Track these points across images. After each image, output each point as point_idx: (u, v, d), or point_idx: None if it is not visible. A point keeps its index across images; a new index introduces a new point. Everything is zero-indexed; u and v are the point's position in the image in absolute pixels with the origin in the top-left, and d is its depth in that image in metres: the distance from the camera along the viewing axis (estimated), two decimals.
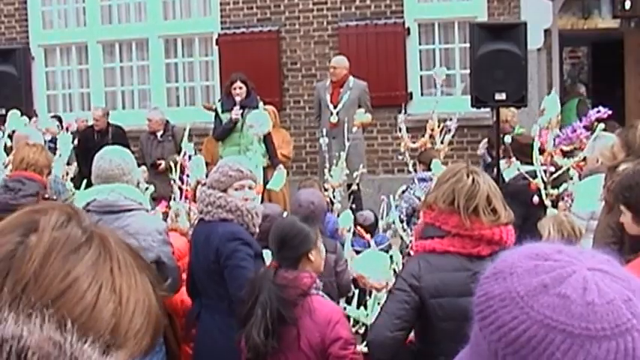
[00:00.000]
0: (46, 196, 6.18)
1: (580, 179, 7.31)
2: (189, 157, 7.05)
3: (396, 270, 5.46)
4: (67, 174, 8.60)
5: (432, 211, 4.21)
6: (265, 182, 10.02)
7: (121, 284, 1.29)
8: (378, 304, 5.08)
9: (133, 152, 12.62)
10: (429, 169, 8.22)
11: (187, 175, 7.12)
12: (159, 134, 12.52)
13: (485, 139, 11.40)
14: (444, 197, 4.17)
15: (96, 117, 13.35)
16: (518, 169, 7.15)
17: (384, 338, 4.09)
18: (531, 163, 7.05)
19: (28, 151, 6.07)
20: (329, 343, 4.40)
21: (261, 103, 11.34)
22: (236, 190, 5.41)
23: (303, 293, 4.43)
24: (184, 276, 5.72)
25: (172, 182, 7.14)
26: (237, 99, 11.03)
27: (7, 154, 7.72)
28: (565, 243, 4.44)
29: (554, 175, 6.67)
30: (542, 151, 6.94)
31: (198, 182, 6.78)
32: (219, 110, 11.32)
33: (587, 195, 7.07)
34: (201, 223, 5.49)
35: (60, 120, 13.74)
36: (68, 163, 9.18)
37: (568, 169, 6.64)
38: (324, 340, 4.40)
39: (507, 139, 7.19)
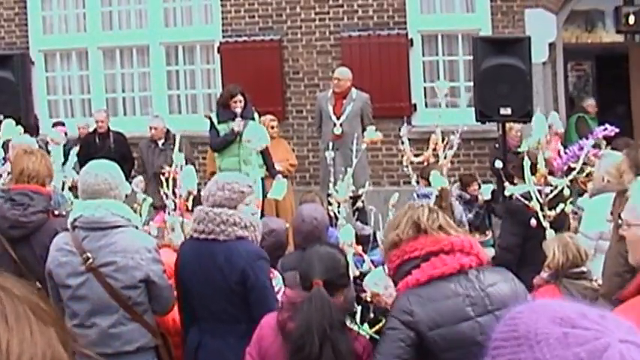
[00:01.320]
0: (56, 212, 6.00)
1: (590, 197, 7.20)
2: (180, 167, 6.86)
3: None
4: (64, 184, 8.42)
5: (398, 248, 4.11)
6: (264, 193, 10.00)
7: (9, 340, 1.15)
8: None
9: (134, 159, 12.73)
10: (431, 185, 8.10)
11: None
12: (160, 142, 12.41)
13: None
14: (407, 228, 4.11)
15: (100, 119, 13.32)
16: (511, 194, 6.96)
17: None
18: (537, 183, 6.92)
19: (27, 160, 5.81)
20: None
21: (256, 115, 11.18)
22: (246, 205, 5.28)
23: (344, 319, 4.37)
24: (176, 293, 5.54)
25: (164, 196, 6.92)
26: (238, 111, 10.88)
27: (3, 164, 7.58)
28: (570, 265, 4.36)
29: (550, 196, 6.52)
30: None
31: (190, 193, 6.60)
32: (215, 121, 11.16)
33: (595, 215, 6.95)
34: (206, 242, 5.18)
35: (64, 126, 13.63)
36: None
37: (563, 189, 6.49)
38: None
39: (498, 163, 7.05)
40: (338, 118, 11.54)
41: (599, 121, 13.04)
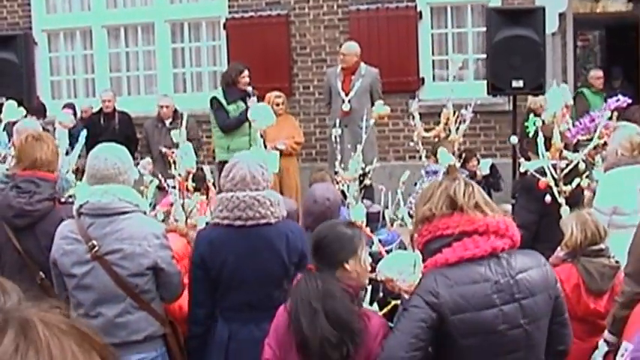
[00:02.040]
0: (62, 200, 5.85)
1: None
2: (177, 145, 6.69)
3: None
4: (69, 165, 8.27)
5: (430, 223, 3.94)
6: None
7: None
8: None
9: (138, 140, 12.61)
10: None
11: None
12: (167, 122, 12.26)
13: None
14: (441, 203, 3.95)
15: (107, 98, 13.27)
16: (526, 169, 6.80)
17: (399, 359, 3.81)
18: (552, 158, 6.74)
19: (39, 150, 5.65)
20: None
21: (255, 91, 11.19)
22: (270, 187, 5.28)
23: (353, 295, 4.18)
24: (185, 280, 5.42)
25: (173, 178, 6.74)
26: (249, 88, 10.91)
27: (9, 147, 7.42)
28: (588, 243, 4.22)
29: (566, 171, 6.34)
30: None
31: (188, 173, 6.44)
32: (224, 102, 11.00)
33: (609, 189, 6.89)
34: (246, 229, 5.08)
35: (74, 107, 13.51)
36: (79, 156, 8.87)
37: (578, 163, 6.32)
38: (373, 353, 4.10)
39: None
40: (347, 95, 11.38)
41: (603, 95, 12.84)
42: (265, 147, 10.68)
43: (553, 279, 3.97)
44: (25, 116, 8.26)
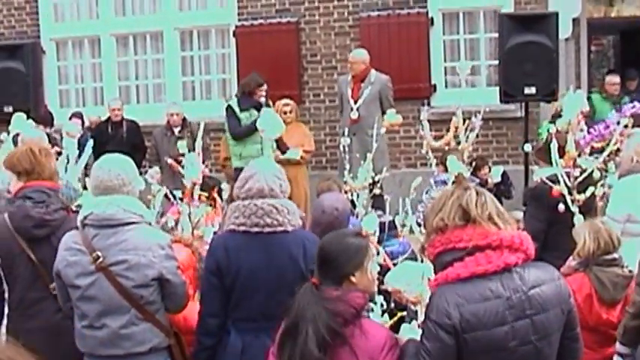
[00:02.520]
0: (73, 208, 5.78)
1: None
2: (183, 155, 6.62)
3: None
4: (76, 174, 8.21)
5: (443, 234, 3.81)
6: None
7: None
8: (416, 319, 4.70)
9: (146, 148, 12.54)
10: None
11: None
12: (176, 130, 12.19)
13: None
14: (453, 214, 3.82)
15: (115, 107, 13.20)
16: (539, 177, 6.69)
17: None
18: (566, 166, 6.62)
19: (47, 162, 5.64)
20: None
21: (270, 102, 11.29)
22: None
23: (355, 313, 4.04)
24: (189, 290, 5.34)
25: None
26: (263, 100, 10.99)
27: None
28: (601, 253, 4.11)
29: (580, 179, 6.23)
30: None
31: (194, 183, 6.35)
32: (237, 109, 10.98)
33: (623, 196, 6.82)
34: (262, 235, 5.03)
35: (81, 116, 13.46)
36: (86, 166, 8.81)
37: (592, 172, 6.20)
38: None
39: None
40: (355, 102, 11.28)
41: (612, 100, 12.69)
42: (284, 152, 10.74)
43: (566, 293, 3.85)
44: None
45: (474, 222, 3.76)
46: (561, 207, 6.10)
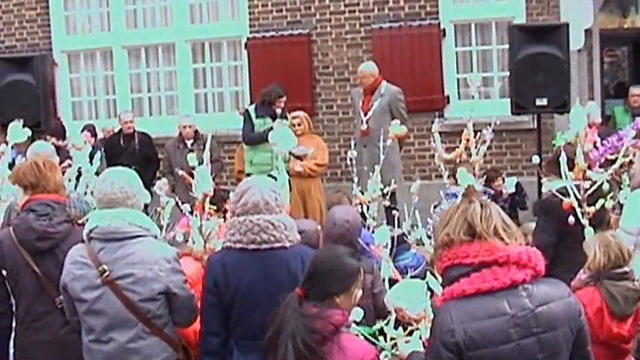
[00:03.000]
0: (79, 222, 5.76)
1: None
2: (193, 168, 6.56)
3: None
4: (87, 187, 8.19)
5: (450, 249, 3.77)
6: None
7: None
8: (420, 337, 4.65)
9: (159, 160, 12.53)
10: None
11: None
12: (189, 142, 12.18)
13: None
14: (459, 228, 3.76)
15: (127, 119, 13.18)
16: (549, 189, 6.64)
17: None
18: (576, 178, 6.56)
19: (52, 175, 5.65)
20: None
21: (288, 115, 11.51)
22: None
23: (334, 329, 4.05)
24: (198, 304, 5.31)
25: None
26: (278, 111, 11.18)
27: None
28: (612, 266, 4.05)
29: (589, 191, 6.17)
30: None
31: (205, 196, 6.31)
32: (253, 115, 11.14)
33: (636, 209, 6.74)
34: (259, 252, 4.97)
35: (93, 128, 13.46)
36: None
37: (602, 184, 6.15)
38: None
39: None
40: (365, 114, 11.26)
41: (630, 113, 12.65)
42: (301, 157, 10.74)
43: (577, 311, 3.76)
44: (44, 138, 8.16)
45: (480, 237, 3.70)
46: (571, 219, 6.05)
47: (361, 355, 4.04)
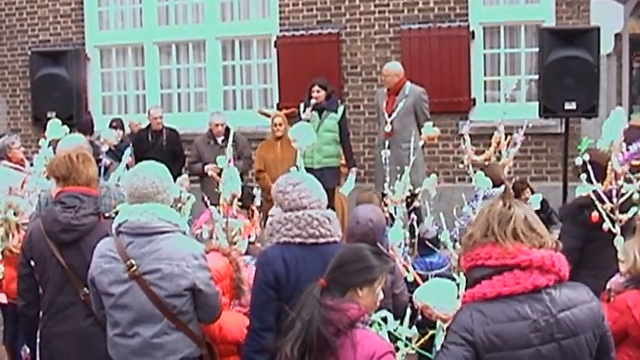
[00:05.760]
0: (107, 215, 5.81)
1: None
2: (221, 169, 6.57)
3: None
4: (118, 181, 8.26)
5: (473, 249, 3.79)
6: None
7: None
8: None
9: (185, 157, 12.59)
10: (496, 186, 7.74)
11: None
12: (219, 139, 12.19)
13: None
14: (479, 229, 3.79)
15: (156, 115, 13.19)
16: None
17: None
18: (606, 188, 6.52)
19: (84, 168, 5.67)
20: None
21: (341, 107, 11.82)
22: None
23: (349, 323, 4.01)
24: (224, 299, 5.36)
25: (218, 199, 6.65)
26: (313, 101, 11.41)
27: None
28: None
29: (622, 200, 6.14)
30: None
31: (234, 196, 6.35)
32: (302, 111, 11.56)
33: None
34: (316, 246, 5.00)
35: (121, 123, 13.56)
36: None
37: (632, 194, 6.11)
38: None
39: (578, 160, 6.66)
40: (389, 115, 11.30)
41: None
42: (348, 158, 10.82)
43: (600, 317, 3.74)
44: (72, 131, 8.21)
45: (496, 239, 3.72)
46: (605, 226, 6.01)
47: (372, 351, 3.99)
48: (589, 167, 6.05)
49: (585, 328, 3.67)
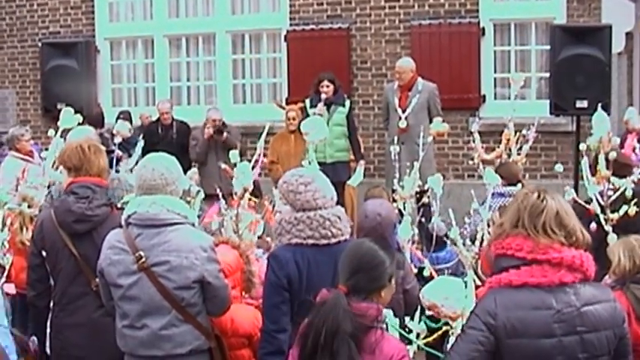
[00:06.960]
0: (119, 205, 5.81)
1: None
2: (234, 164, 6.54)
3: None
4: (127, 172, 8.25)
5: (503, 239, 3.79)
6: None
7: None
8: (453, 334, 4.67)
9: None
10: (510, 184, 7.72)
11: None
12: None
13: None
14: (509, 219, 3.80)
15: (165, 110, 13.19)
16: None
17: None
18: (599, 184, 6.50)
19: (96, 159, 5.67)
20: None
21: (348, 101, 11.90)
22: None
23: (371, 323, 3.96)
24: (235, 292, 5.35)
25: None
26: (323, 96, 11.44)
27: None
28: (637, 270, 4.04)
29: (613, 198, 6.14)
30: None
31: (245, 190, 6.33)
32: (308, 106, 11.59)
33: None
34: (328, 247, 4.91)
35: (129, 115, 13.57)
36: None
37: (625, 190, 6.11)
38: None
39: (601, 162, 6.62)
40: (403, 111, 11.28)
41: None
42: (356, 152, 10.81)
43: (621, 318, 3.78)
44: (82, 123, 8.17)
45: (527, 232, 3.72)
46: (593, 226, 6.03)
47: (390, 355, 3.96)
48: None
49: (607, 326, 3.70)
